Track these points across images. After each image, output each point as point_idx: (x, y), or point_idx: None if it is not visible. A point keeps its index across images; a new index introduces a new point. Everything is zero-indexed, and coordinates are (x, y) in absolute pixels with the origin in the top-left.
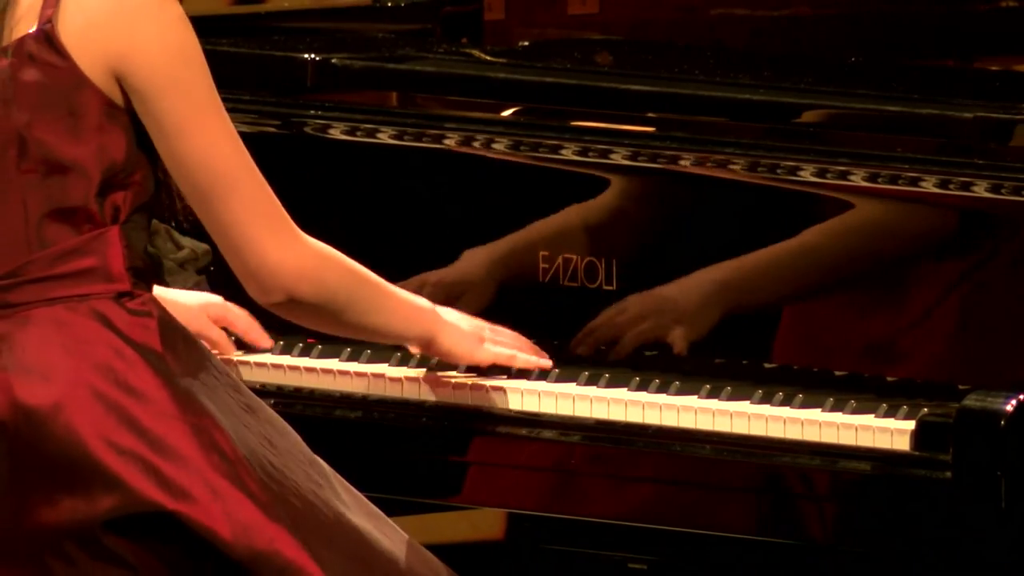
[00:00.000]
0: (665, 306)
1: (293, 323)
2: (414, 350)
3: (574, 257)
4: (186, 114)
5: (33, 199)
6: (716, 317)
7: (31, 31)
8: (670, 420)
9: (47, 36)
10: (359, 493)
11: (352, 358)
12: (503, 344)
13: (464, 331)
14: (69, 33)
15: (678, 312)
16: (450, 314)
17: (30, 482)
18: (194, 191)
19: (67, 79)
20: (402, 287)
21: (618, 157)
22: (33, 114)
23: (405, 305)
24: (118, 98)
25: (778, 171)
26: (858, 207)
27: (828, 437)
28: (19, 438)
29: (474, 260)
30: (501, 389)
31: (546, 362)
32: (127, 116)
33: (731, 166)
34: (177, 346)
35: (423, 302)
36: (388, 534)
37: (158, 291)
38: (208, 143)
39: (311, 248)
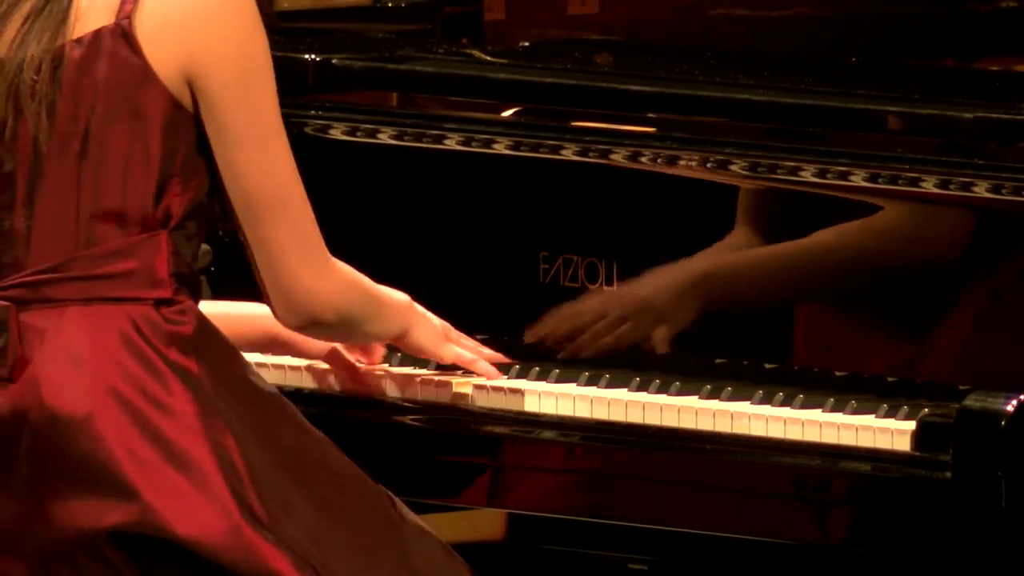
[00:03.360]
0: (654, 305)
1: None
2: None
3: (574, 257)
4: (250, 125)
5: (87, 196)
6: (696, 313)
7: (108, 24)
8: (670, 420)
9: (124, 31)
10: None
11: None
12: (466, 347)
13: (434, 325)
14: (146, 30)
15: (670, 312)
16: (421, 309)
17: (49, 483)
18: (244, 204)
19: (137, 76)
20: (402, 289)
21: (618, 157)
22: (99, 109)
23: (393, 307)
24: (186, 101)
25: (778, 171)
26: (858, 208)
27: (828, 437)
28: (43, 438)
29: (474, 261)
30: (502, 390)
31: (500, 377)
32: (192, 120)
33: (731, 166)
34: (211, 358)
35: (401, 297)
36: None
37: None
38: (267, 158)
39: (339, 276)
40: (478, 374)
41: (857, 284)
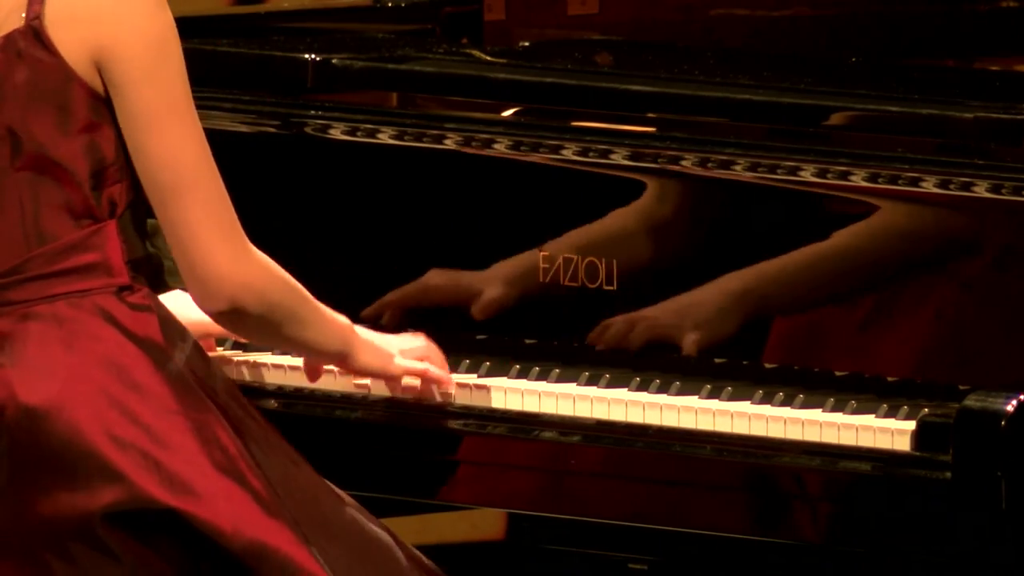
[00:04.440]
0: (676, 314)
1: None
2: (328, 366)
3: (574, 257)
4: (160, 109)
5: (29, 195)
6: (734, 323)
7: (19, 27)
8: (670, 420)
9: (35, 31)
10: (342, 491)
11: None
12: (414, 358)
13: (377, 347)
14: (55, 27)
15: (690, 320)
16: (363, 332)
17: (31, 479)
18: (155, 187)
19: (56, 74)
20: (402, 289)
21: (618, 157)
22: (24, 111)
23: (331, 321)
24: (102, 90)
25: (778, 171)
26: (858, 207)
27: (828, 437)
28: (20, 436)
29: (474, 260)
30: (501, 389)
31: (448, 382)
32: (111, 108)
33: (731, 166)
34: (176, 342)
35: (343, 319)
36: (378, 530)
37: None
38: (177, 140)
39: (258, 260)
40: (433, 381)
41: (857, 284)
